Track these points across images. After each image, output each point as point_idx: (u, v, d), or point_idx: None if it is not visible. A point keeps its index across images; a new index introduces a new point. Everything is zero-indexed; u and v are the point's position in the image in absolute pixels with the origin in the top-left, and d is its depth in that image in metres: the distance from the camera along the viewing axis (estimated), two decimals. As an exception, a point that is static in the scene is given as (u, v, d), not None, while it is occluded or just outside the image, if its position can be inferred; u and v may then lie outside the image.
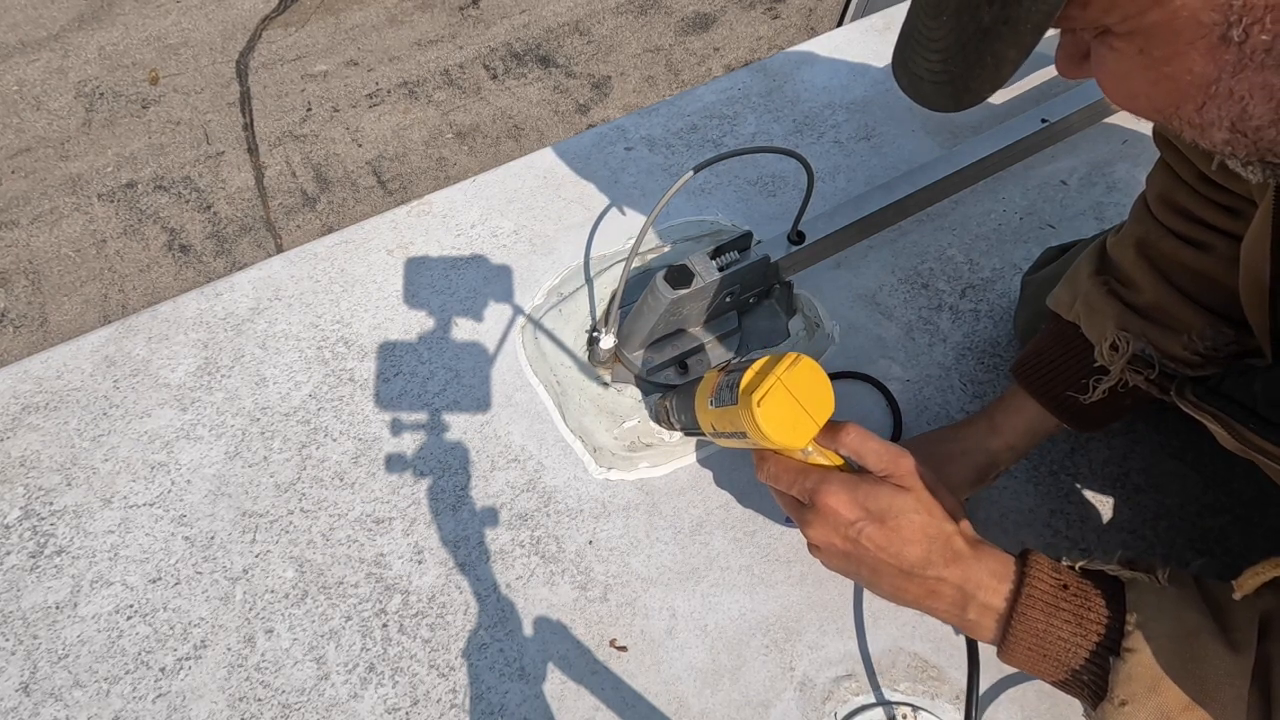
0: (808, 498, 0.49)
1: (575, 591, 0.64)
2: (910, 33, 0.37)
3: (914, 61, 0.37)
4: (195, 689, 0.60)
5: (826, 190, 0.88)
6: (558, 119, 2.10)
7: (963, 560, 0.46)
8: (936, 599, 0.46)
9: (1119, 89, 0.34)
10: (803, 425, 0.48)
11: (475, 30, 2.29)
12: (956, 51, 0.34)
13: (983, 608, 0.45)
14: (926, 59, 0.36)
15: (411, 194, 1.94)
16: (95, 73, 2.14)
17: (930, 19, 0.35)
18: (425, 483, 0.69)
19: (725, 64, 2.24)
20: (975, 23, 0.32)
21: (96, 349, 0.76)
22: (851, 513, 0.46)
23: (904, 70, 0.38)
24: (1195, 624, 0.41)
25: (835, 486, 0.47)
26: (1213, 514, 0.68)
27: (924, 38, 0.35)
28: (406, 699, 0.60)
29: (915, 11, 0.36)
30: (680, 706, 0.60)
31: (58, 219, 1.89)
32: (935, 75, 0.36)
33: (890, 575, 0.47)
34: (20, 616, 0.63)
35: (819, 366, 0.48)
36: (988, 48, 0.32)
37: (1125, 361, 0.55)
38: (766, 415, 0.47)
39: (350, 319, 0.78)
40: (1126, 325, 0.55)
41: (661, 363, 0.72)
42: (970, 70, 0.34)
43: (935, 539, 0.46)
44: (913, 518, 0.46)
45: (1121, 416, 0.61)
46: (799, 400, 0.47)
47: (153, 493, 0.68)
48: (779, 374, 0.47)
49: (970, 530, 0.48)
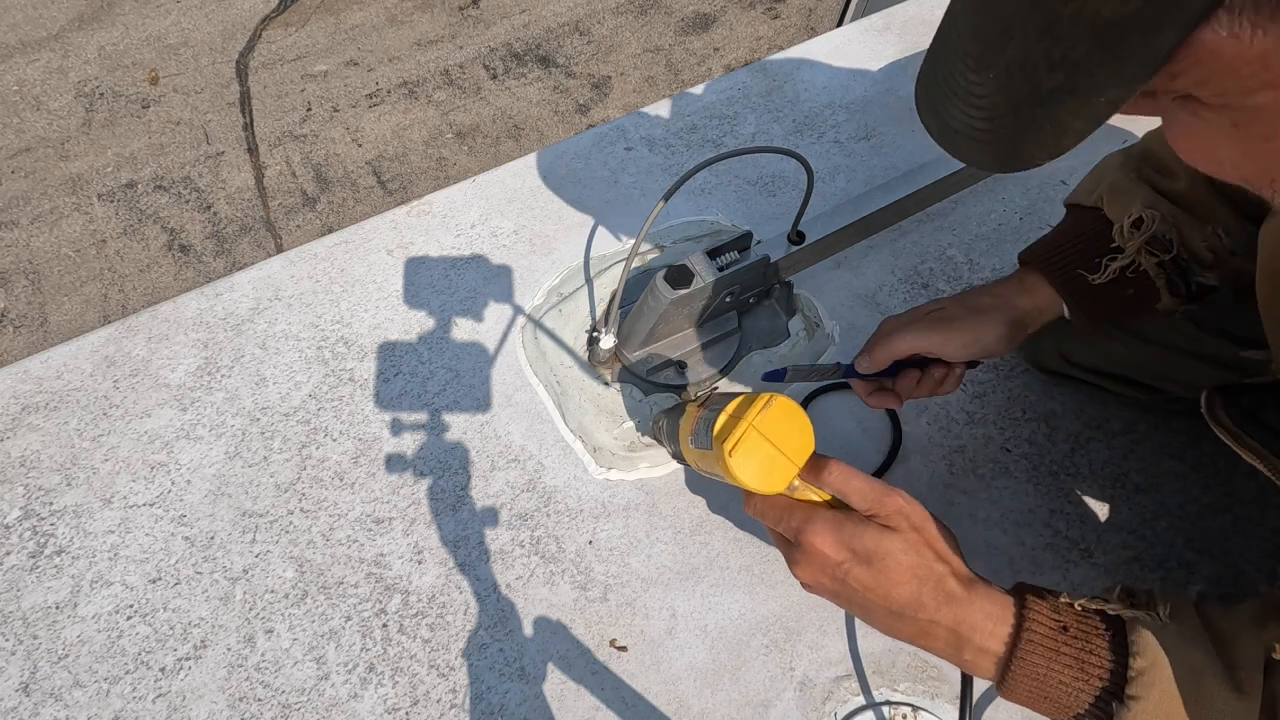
0: (793, 536, 0.47)
1: (575, 591, 0.64)
2: (943, 78, 0.32)
3: (948, 111, 0.32)
4: (195, 689, 0.60)
5: (826, 190, 0.88)
6: (558, 119, 2.10)
7: (955, 602, 0.44)
8: (930, 639, 0.45)
9: (1199, 153, 0.31)
10: (780, 469, 0.46)
11: (475, 30, 2.29)
12: (1006, 113, 0.29)
13: (979, 650, 0.44)
14: (965, 112, 0.31)
15: (411, 194, 1.94)
16: (95, 73, 2.14)
17: (972, 72, 0.30)
18: (425, 483, 0.69)
19: (725, 64, 2.24)
20: (1031, 86, 0.28)
21: (96, 349, 0.76)
22: (837, 554, 0.45)
23: (934, 116, 0.34)
24: (1200, 665, 0.40)
25: (820, 526, 0.45)
26: (1213, 514, 0.68)
27: (962, 90, 0.31)
28: (406, 699, 0.60)
29: (949, 56, 0.31)
30: (680, 706, 0.60)
31: (58, 219, 1.89)
32: (977, 133, 0.31)
33: (881, 615, 0.46)
34: (20, 616, 0.62)
35: (795, 406, 0.47)
36: (1047, 114, 0.28)
37: (1144, 240, 0.54)
38: (740, 464, 0.45)
39: (350, 319, 0.78)
40: (1155, 205, 0.55)
41: (661, 363, 0.72)
42: (1023, 133, 0.29)
43: (925, 581, 0.44)
44: (900, 559, 0.44)
45: (1121, 317, 0.58)
46: (775, 443, 0.46)
47: (153, 493, 0.68)
48: (751, 419, 0.45)
49: (963, 568, 0.46)
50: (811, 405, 0.73)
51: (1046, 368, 0.74)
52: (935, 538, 0.46)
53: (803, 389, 0.74)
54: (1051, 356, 0.72)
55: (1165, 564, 0.66)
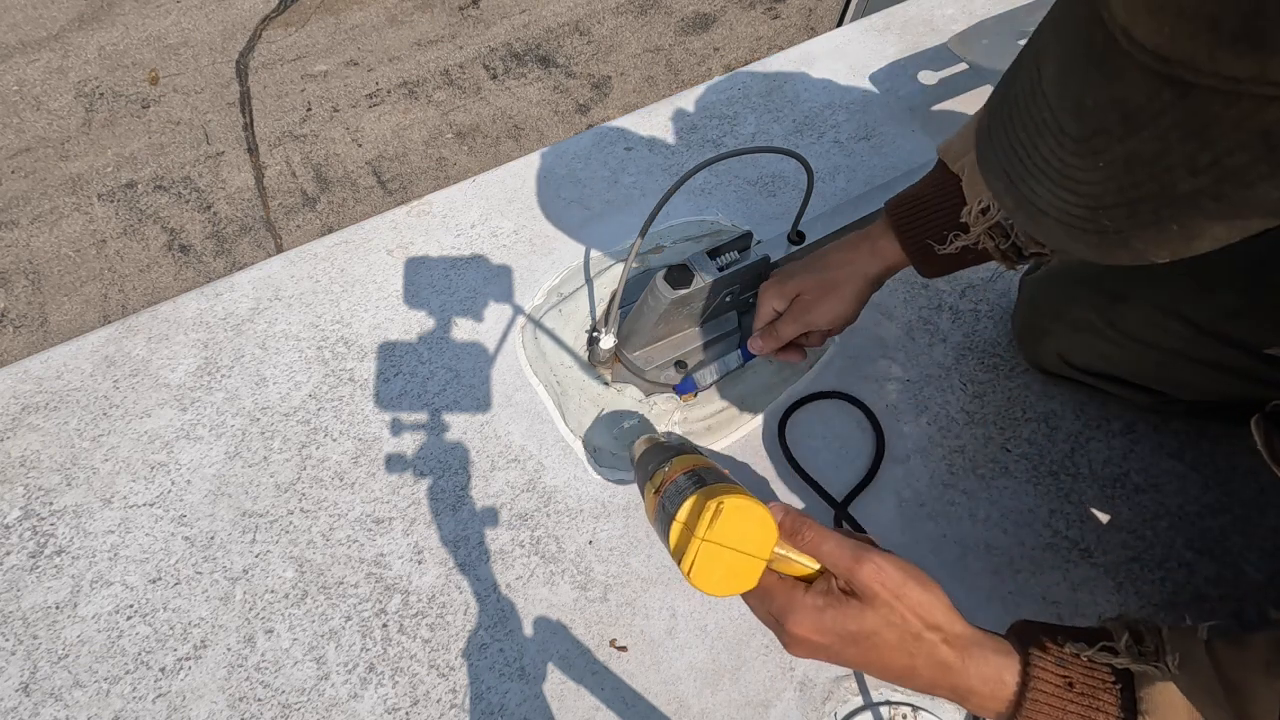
0: (776, 624, 0.45)
1: (575, 591, 0.64)
2: (1024, 150, 0.28)
3: (1033, 189, 0.28)
4: (195, 689, 0.60)
5: (826, 190, 0.88)
6: (558, 119, 2.10)
7: (951, 671, 0.43)
8: (933, 695, 0.45)
9: None
10: (745, 569, 0.44)
11: (475, 30, 2.29)
12: (1117, 206, 0.25)
13: (981, 709, 0.44)
14: (1058, 195, 0.27)
15: (411, 194, 1.94)
16: (95, 73, 2.14)
17: (1073, 155, 0.25)
18: (425, 483, 0.69)
19: (725, 64, 2.24)
20: (1160, 186, 0.23)
21: (96, 349, 0.76)
22: (824, 639, 0.44)
23: (1011, 190, 0.29)
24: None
25: (800, 616, 0.44)
26: (1213, 514, 0.68)
27: (1054, 170, 0.26)
28: (406, 699, 0.60)
29: (1032, 125, 0.27)
30: (680, 706, 0.60)
31: (58, 219, 1.89)
32: (1074, 219, 0.27)
33: (882, 679, 0.45)
34: (20, 616, 0.62)
35: (746, 502, 0.44)
36: (1178, 216, 0.24)
37: (987, 227, 0.57)
38: (702, 580, 0.44)
39: (350, 319, 0.78)
40: None
41: (661, 363, 0.72)
42: (1141, 232, 0.25)
43: (916, 654, 0.43)
44: (886, 636, 0.43)
45: (957, 269, 0.63)
46: (734, 547, 0.44)
47: (153, 493, 0.68)
48: (701, 534, 0.44)
49: (955, 627, 0.44)
50: (797, 413, 0.73)
51: (1046, 369, 0.74)
52: (918, 604, 0.43)
53: (789, 399, 0.74)
54: (1051, 358, 0.72)
55: (1165, 564, 0.66)
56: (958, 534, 0.67)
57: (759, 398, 0.74)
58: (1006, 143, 0.29)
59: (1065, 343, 0.69)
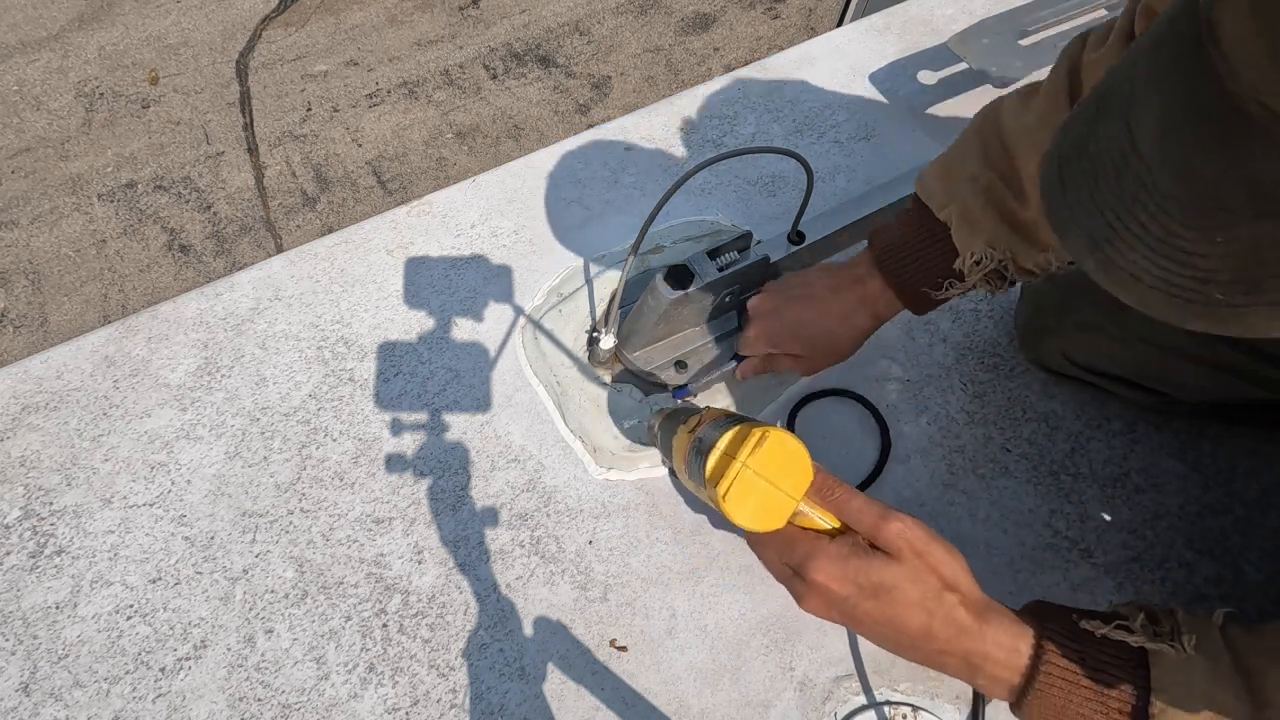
0: (797, 571, 0.46)
1: (575, 591, 0.64)
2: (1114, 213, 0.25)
3: (1125, 255, 0.25)
4: (195, 689, 0.60)
5: (826, 190, 0.88)
6: (558, 119, 2.10)
7: (967, 634, 0.43)
8: (943, 666, 0.45)
9: None
10: (778, 505, 0.45)
11: (475, 30, 2.29)
12: (1237, 284, 0.23)
13: (993, 679, 0.43)
14: (1161, 266, 0.25)
15: (411, 194, 1.94)
16: (95, 73, 2.14)
17: (1184, 227, 0.23)
18: (425, 483, 0.69)
19: (725, 64, 2.23)
20: None
21: (96, 349, 0.76)
22: (844, 588, 0.44)
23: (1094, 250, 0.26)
24: (1227, 706, 0.38)
25: (823, 561, 0.44)
26: (1213, 514, 0.68)
27: (1157, 240, 0.24)
28: (406, 699, 0.60)
29: (1131, 190, 0.24)
30: (680, 706, 0.60)
31: (58, 219, 1.89)
32: (1177, 290, 0.25)
33: (892, 644, 0.45)
34: (20, 616, 0.62)
35: (789, 438, 0.45)
36: None
37: (983, 274, 0.56)
38: (735, 507, 0.44)
39: (350, 319, 0.78)
40: (996, 242, 0.55)
41: (661, 363, 0.72)
42: (1261, 310, 0.23)
43: (934, 613, 0.43)
44: (908, 591, 0.43)
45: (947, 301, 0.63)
46: (771, 480, 0.44)
47: (153, 493, 0.68)
48: (744, 459, 0.44)
49: (974, 592, 0.44)
50: (803, 411, 0.73)
51: (1048, 367, 0.74)
52: (940, 563, 0.44)
53: (792, 398, 0.74)
54: (1053, 356, 0.72)
55: (1165, 564, 0.66)
56: (958, 534, 0.67)
57: (759, 398, 0.74)
58: (1092, 204, 0.26)
59: (1069, 341, 0.69)
